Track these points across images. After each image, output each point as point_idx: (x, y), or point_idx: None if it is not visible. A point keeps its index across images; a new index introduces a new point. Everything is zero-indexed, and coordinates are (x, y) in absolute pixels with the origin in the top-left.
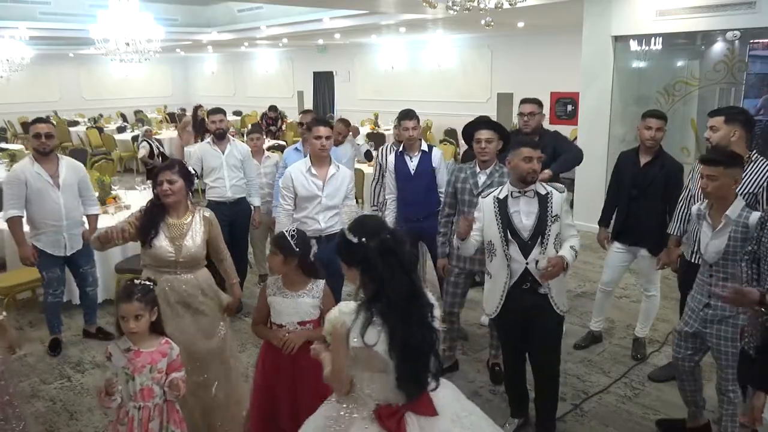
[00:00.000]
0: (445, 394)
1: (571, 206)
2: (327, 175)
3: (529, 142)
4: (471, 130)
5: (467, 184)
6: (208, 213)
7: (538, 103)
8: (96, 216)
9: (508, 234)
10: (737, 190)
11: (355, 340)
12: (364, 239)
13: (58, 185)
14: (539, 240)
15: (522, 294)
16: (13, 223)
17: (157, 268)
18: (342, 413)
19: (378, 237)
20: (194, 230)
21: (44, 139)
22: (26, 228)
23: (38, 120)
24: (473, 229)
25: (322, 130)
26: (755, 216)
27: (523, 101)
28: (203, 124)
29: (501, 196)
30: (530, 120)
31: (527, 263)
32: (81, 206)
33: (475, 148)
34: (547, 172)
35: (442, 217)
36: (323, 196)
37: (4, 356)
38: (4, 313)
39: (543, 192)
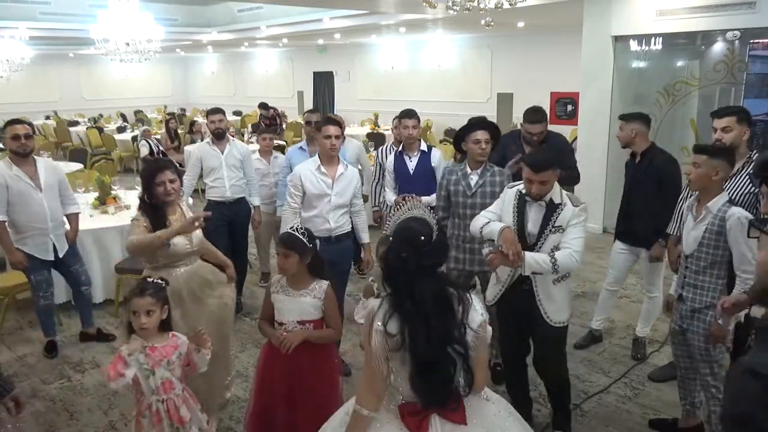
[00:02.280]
0: (485, 407)
1: None
2: (336, 174)
3: (531, 164)
4: (467, 131)
5: (460, 185)
6: (184, 206)
7: (546, 119)
8: (76, 215)
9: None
10: (737, 190)
11: (379, 324)
12: (391, 239)
13: (40, 187)
14: (535, 247)
15: (519, 294)
16: None
17: (173, 265)
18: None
19: (396, 251)
20: None
21: (24, 140)
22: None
23: (15, 121)
24: (491, 209)
25: (332, 129)
26: (732, 211)
27: (533, 122)
28: (177, 134)
29: (524, 192)
30: (539, 138)
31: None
32: (61, 207)
33: (473, 149)
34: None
35: None
36: (333, 194)
37: None
38: None
39: (557, 202)
